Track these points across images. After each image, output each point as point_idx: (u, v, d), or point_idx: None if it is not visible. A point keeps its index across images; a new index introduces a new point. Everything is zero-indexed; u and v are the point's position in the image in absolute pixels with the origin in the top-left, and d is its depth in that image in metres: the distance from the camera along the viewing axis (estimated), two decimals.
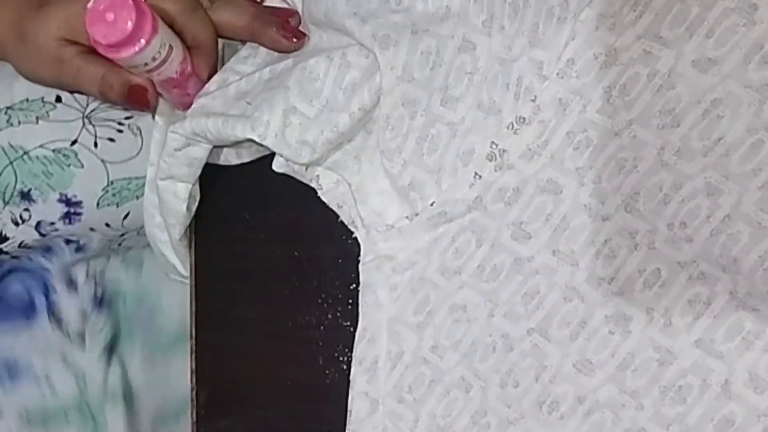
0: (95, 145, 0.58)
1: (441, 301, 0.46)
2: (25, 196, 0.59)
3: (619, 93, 0.40)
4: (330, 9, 0.47)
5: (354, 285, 0.49)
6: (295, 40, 0.49)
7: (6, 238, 0.59)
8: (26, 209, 0.59)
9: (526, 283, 0.43)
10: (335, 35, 0.49)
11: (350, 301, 0.50)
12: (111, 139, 0.59)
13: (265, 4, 0.52)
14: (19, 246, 0.60)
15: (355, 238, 0.49)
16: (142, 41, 0.44)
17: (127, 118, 0.59)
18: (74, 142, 0.58)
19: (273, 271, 0.53)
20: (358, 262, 0.49)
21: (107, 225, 0.62)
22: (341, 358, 0.51)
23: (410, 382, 0.46)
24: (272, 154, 0.51)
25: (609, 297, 0.40)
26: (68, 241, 0.62)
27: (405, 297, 0.47)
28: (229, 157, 0.55)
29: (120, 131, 0.59)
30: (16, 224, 0.59)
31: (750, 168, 0.37)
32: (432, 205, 0.46)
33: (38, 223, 0.60)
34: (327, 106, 0.47)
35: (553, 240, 0.42)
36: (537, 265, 0.43)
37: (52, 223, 0.60)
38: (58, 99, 0.57)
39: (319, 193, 0.50)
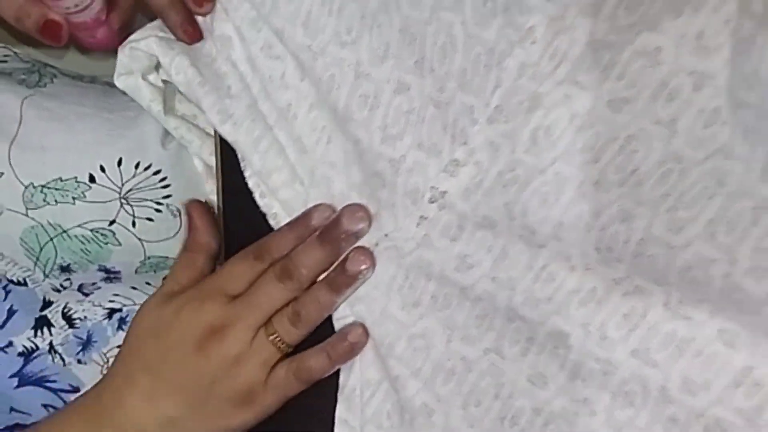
0: (133, 224, 0.58)
1: (401, 332, 0.49)
2: (65, 269, 0.58)
3: (544, 134, 0.43)
4: (289, 34, 0.51)
5: None
6: (188, 38, 0.53)
7: (50, 303, 0.58)
8: (67, 279, 0.59)
9: (475, 307, 0.46)
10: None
11: None
12: (150, 219, 0.59)
13: None
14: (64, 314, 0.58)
15: None
16: None
17: (165, 197, 0.59)
18: (112, 222, 0.58)
19: None
20: None
21: (148, 284, 0.61)
22: None
23: (388, 409, 0.49)
24: None
25: (547, 316, 0.43)
26: (110, 314, 0.59)
27: (371, 330, 0.50)
28: None
29: (159, 211, 0.59)
30: (58, 291, 0.58)
31: (659, 194, 0.40)
32: (386, 236, 0.49)
33: (80, 286, 0.59)
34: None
35: (493, 269, 0.45)
36: (479, 291, 0.46)
37: (94, 284, 0.59)
38: (92, 179, 0.57)
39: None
